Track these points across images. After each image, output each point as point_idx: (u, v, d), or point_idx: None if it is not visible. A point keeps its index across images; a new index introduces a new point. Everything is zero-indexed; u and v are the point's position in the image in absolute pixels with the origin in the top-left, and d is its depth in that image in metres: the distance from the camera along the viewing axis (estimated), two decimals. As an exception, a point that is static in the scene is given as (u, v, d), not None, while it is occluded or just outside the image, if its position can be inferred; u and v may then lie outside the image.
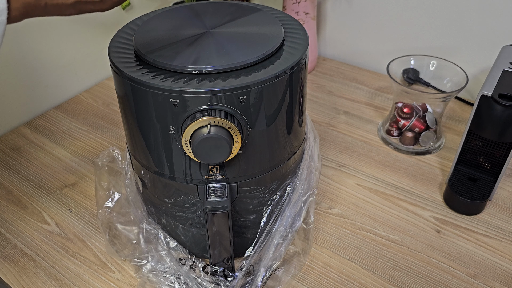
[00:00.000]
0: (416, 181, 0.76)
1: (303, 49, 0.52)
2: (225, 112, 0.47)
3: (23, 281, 0.62)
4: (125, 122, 0.56)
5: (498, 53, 0.73)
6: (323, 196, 0.74)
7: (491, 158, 0.70)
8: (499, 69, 0.66)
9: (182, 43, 0.51)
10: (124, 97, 0.52)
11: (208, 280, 0.57)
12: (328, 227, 0.69)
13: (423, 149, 0.82)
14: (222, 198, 0.53)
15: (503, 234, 0.67)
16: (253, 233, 0.60)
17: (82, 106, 0.98)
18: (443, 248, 0.65)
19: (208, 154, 0.47)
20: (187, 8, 0.60)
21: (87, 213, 0.72)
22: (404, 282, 0.61)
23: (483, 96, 0.62)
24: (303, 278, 0.62)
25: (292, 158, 0.58)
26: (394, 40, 1.03)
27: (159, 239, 0.60)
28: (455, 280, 0.61)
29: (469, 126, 0.66)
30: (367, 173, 0.78)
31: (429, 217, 0.70)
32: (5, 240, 0.68)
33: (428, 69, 0.85)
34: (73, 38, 0.97)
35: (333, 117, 0.92)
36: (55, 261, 0.65)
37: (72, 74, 1.00)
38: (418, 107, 0.81)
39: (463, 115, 0.91)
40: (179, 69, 0.48)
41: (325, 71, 1.08)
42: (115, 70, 0.50)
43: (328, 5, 1.08)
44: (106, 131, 0.90)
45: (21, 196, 0.75)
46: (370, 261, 0.64)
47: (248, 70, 0.48)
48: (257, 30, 0.54)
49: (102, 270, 0.63)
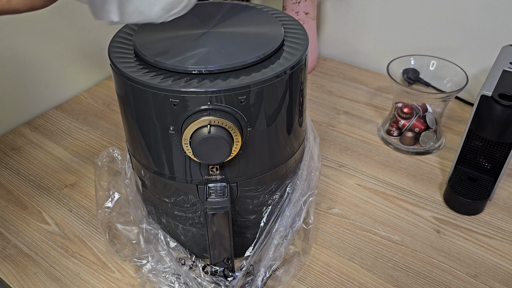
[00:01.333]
0: (416, 181, 0.76)
1: (303, 49, 0.52)
2: (225, 112, 0.47)
3: (23, 281, 0.62)
4: (125, 122, 0.56)
5: (498, 53, 0.73)
6: (323, 196, 0.74)
7: (491, 158, 0.70)
8: (499, 69, 0.66)
9: (182, 43, 0.51)
10: (124, 97, 0.52)
11: (208, 280, 0.57)
12: (328, 227, 0.69)
13: (423, 149, 0.82)
14: (222, 198, 0.53)
15: (503, 234, 0.67)
16: (253, 233, 0.60)
17: (82, 106, 0.98)
18: (443, 248, 0.65)
19: (208, 154, 0.47)
20: (187, 8, 0.60)
21: (87, 213, 0.72)
22: (404, 282, 0.61)
23: (483, 96, 0.62)
24: (303, 278, 0.62)
25: (292, 158, 0.58)
26: (394, 40, 1.03)
27: (159, 239, 0.60)
28: (455, 280, 0.61)
29: (469, 126, 0.66)
30: (367, 173, 0.78)
31: (429, 217, 0.70)
32: (5, 240, 0.68)
33: (428, 69, 0.85)
34: (73, 38, 0.97)
35: (333, 117, 0.92)
36: (55, 261, 0.65)
37: (72, 74, 1.00)
38: (418, 107, 0.80)
39: (463, 115, 0.91)
40: (179, 69, 0.48)
41: (325, 71, 1.08)
42: (115, 70, 0.50)
43: (328, 5, 1.08)
44: (106, 131, 0.90)
45: (21, 196, 0.75)
46: (370, 261, 0.64)
47: (248, 70, 0.48)
48: (257, 30, 0.54)
49: (102, 270, 0.63)
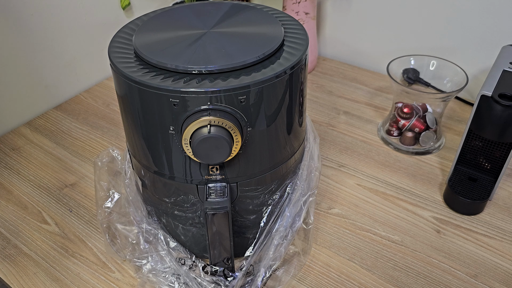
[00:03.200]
0: (416, 181, 0.76)
1: (303, 49, 0.52)
2: (225, 112, 0.47)
3: (23, 281, 0.62)
4: (125, 122, 0.56)
5: (498, 53, 0.73)
6: (323, 196, 0.74)
7: (491, 158, 0.70)
8: (499, 69, 0.66)
9: (182, 43, 0.51)
10: (124, 97, 0.52)
11: (208, 280, 0.57)
12: (328, 227, 0.69)
13: (423, 149, 0.82)
14: (222, 198, 0.53)
15: (503, 234, 0.67)
16: (253, 233, 0.60)
17: (82, 106, 0.98)
18: (443, 248, 0.65)
19: (208, 154, 0.47)
20: (187, 8, 0.60)
21: (87, 213, 0.72)
22: (404, 282, 0.61)
23: (483, 96, 0.62)
24: (303, 278, 0.62)
25: (292, 158, 0.58)
26: (394, 40, 1.03)
27: (159, 239, 0.60)
28: (455, 280, 0.61)
29: (469, 126, 0.66)
30: (367, 173, 0.78)
31: (429, 217, 0.70)
32: (5, 240, 0.68)
33: (428, 69, 0.85)
34: (73, 38, 0.97)
35: (333, 117, 0.92)
36: (55, 261, 0.65)
37: (72, 74, 1.00)
38: (418, 107, 0.80)
39: (463, 115, 0.91)
40: (179, 69, 0.48)
41: (325, 71, 1.08)
42: (115, 70, 0.50)
43: (328, 5, 1.08)
44: (106, 131, 0.90)
45: (21, 196, 0.75)
46: (370, 261, 0.64)
47: (248, 70, 0.48)
48: (257, 30, 0.54)
49: (102, 270, 0.63)
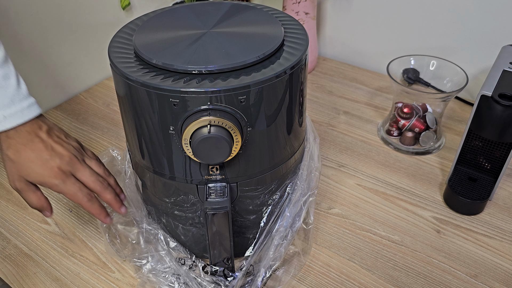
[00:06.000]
0: (416, 181, 0.76)
1: (303, 49, 0.52)
2: (225, 112, 0.47)
3: (23, 281, 0.62)
4: (125, 122, 0.56)
5: (498, 53, 0.73)
6: (323, 196, 0.74)
7: (491, 158, 0.70)
8: (499, 69, 0.66)
9: (182, 43, 0.51)
10: (124, 97, 0.52)
11: (208, 280, 0.57)
12: (328, 227, 0.69)
13: (423, 149, 0.82)
14: (222, 198, 0.53)
15: (503, 234, 0.67)
16: (253, 233, 0.60)
17: (82, 106, 0.98)
18: (443, 248, 0.65)
19: (208, 154, 0.47)
20: (187, 8, 0.60)
21: (87, 213, 0.72)
22: (404, 282, 0.61)
23: (483, 96, 0.62)
24: (303, 278, 0.62)
25: (292, 158, 0.58)
26: (394, 40, 1.03)
27: (159, 239, 0.60)
28: (455, 280, 0.61)
29: (469, 126, 0.66)
30: (367, 173, 0.78)
31: (429, 217, 0.70)
32: (5, 240, 0.68)
33: (428, 69, 0.85)
34: (73, 38, 0.97)
35: (333, 117, 0.92)
36: (55, 261, 0.65)
37: (72, 74, 1.00)
38: (418, 107, 0.80)
39: (463, 115, 0.91)
40: (179, 69, 0.48)
41: (325, 71, 1.08)
42: (115, 70, 0.50)
43: (328, 5, 1.08)
44: (106, 131, 0.90)
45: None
46: (370, 261, 0.64)
47: (248, 70, 0.48)
48: (257, 30, 0.54)
49: (102, 270, 0.63)
